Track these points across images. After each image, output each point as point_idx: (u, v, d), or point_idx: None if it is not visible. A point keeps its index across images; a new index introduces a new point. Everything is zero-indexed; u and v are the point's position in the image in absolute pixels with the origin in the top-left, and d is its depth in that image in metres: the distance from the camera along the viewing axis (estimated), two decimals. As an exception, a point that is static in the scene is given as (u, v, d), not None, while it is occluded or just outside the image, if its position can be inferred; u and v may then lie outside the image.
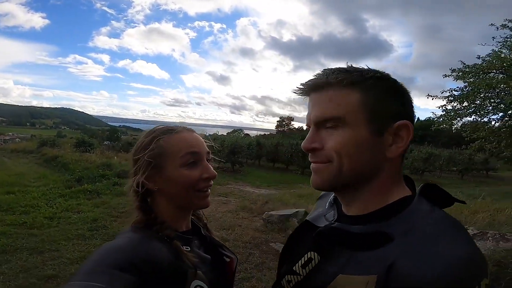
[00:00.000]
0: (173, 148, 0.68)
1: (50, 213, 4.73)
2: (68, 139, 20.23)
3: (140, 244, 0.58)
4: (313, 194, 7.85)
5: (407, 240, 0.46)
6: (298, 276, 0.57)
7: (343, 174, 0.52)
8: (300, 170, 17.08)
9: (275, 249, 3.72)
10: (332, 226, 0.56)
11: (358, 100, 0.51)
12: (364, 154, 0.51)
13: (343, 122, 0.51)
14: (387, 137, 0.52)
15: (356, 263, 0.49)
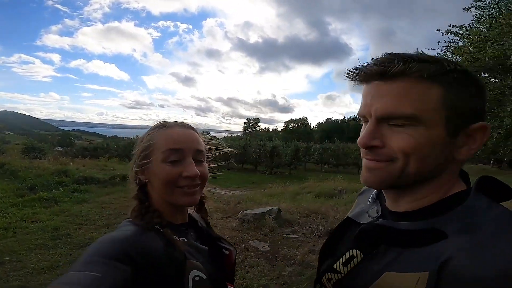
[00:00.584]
0: (159, 143, 0.69)
1: (4, 223, 4.26)
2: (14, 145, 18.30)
3: (135, 236, 0.60)
4: (283, 193, 8.07)
5: (464, 238, 0.43)
6: (339, 274, 0.55)
7: (405, 175, 0.48)
8: (268, 170, 17.35)
9: (253, 247, 3.77)
10: (376, 223, 0.54)
11: (439, 96, 0.45)
12: (435, 156, 0.47)
13: (418, 121, 0.45)
14: (461, 138, 0.47)
15: (405, 260, 0.46)
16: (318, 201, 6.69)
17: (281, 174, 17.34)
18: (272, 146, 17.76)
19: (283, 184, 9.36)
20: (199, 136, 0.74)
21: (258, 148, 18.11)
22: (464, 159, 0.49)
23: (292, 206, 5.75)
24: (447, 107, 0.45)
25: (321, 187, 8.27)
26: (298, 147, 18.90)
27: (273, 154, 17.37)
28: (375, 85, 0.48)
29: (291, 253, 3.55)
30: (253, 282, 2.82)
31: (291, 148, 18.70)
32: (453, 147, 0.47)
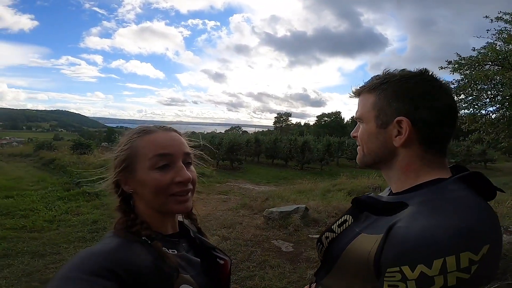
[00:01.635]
0: (143, 150, 0.65)
1: (49, 216, 4.70)
2: (65, 142, 20.12)
3: (118, 249, 0.56)
4: (313, 190, 7.89)
5: (414, 208, 0.55)
6: (334, 233, 0.70)
7: (365, 155, 0.69)
8: (299, 165, 17.11)
9: (276, 246, 3.72)
10: (368, 195, 0.69)
11: (372, 102, 0.66)
12: (372, 142, 0.66)
13: (361, 119, 0.69)
14: (391, 129, 0.63)
15: (376, 225, 0.60)
16: (350, 200, 6.42)
17: (312, 169, 17.01)
18: (303, 141, 17.46)
19: (314, 180, 9.14)
20: (183, 139, 0.71)
21: (289, 143, 17.92)
22: (399, 145, 0.63)
23: (321, 204, 5.58)
24: (375, 108, 0.65)
25: (354, 184, 7.94)
26: (330, 142, 18.37)
27: (304, 149, 17.07)
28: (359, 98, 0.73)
29: (315, 255, 3.41)
30: (272, 284, 2.77)
31: (323, 143, 18.24)
32: (388, 137, 0.64)
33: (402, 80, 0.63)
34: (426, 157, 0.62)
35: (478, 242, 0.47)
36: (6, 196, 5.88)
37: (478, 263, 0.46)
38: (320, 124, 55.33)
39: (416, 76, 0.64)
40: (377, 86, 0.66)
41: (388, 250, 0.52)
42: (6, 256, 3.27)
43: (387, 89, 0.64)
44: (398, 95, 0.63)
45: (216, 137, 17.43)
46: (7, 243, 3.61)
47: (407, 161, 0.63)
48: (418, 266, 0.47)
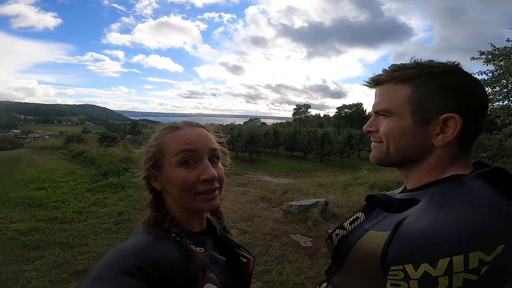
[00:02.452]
0: (169, 147, 0.65)
1: (79, 208, 4.89)
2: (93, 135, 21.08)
3: (148, 247, 0.57)
4: (333, 183, 7.76)
5: (425, 204, 0.52)
6: (345, 231, 0.68)
7: (390, 153, 0.62)
8: (318, 158, 16.89)
9: (295, 241, 3.71)
10: (382, 193, 0.68)
11: (406, 95, 0.59)
12: (406, 140, 0.60)
13: (390, 113, 0.61)
14: (433, 127, 0.57)
15: (385, 222, 0.58)
16: (371, 194, 6.27)
17: (332, 162, 16.73)
18: (323, 133, 17.14)
19: (334, 173, 8.99)
20: (211, 134, 0.70)
21: (308, 134, 17.67)
22: (442, 145, 0.58)
23: (341, 198, 5.49)
24: (413, 103, 0.59)
25: (376, 178, 7.73)
26: (351, 134, 17.89)
27: (323, 141, 16.77)
28: (375, 89, 0.66)
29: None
30: (289, 279, 2.77)
31: (343, 135, 17.82)
32: (428, 135, 0.58)
33: (447, 73, 0.57)
34: (456, 156, 0.59)
35: (491, 241, 0.43)
36: (39, 188, 6.21)
37: (489, 264, 0.42)
38: (340, 116, 54.13)
39: (458, 70, 0.58)
40: (414, 76, 0.59)
41: (394, 247, 0.50)
42: (38, 248, 3.42)
43: (429, 81, 0.58)
44: (445, 90, 0.57)
45: (235, 128, 17.53)
46: (39, 234, 3.77)
47: (438, 161, 0.59)
48: (422, 265, 0.44)
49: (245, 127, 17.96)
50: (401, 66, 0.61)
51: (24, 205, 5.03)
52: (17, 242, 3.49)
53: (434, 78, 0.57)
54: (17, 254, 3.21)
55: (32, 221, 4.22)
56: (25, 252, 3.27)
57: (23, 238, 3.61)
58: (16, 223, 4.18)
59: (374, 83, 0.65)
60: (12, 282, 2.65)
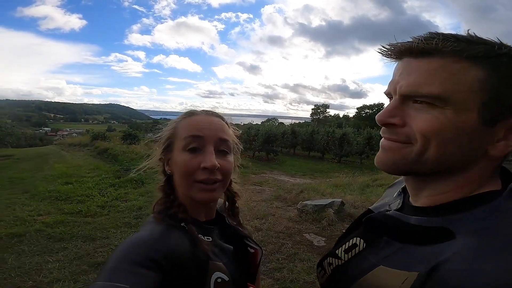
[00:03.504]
0: (181, 130, 0.66)
1: (102, 202, 5.11)
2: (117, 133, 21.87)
3: (160, 238, 0.57)
4: (351, 184, 7.63)
5: (470, 241, 0.38)
6: (339, 260, 0.54)
7: (423, 161, 0.44)
8: (336, 158, 16.61)
9: (308, 240, 3.70)
10: (386, 213, 0.50)
11: (479, 78, 0.40)
12: (459, 145, 0.42)
13: (446, 102, 0.41)
14: (498, 130, 0.42)
15: (402, 257, 0.43)
16: (391, 196, 6.11)
17: (351, 163, 16.40)
18: (342, 133, 16.84)
19: (352, 174, 8.82)
20: (226, 125, 0.69)
21: (326, 135, 17.42)
22: (500, 155, 0.43)
23: (359, 199, 5.40)
24: (486, 91, 0.40)
25: (397, 179, 7.50)
26: (371, 134, 17.43)
27: (342, 142, 16.48)
28: (406, 61, 0.45)
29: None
30: (299, 277, 2.77)
31: (363, 136, 17.39)
32: (487, 139, 0.42)
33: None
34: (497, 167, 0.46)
35: None
36: (66, 183, 6.55)
37: None
38: (360, 116, 52.81)
39: None
40: (491, 55, 0.40)
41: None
42: (62, 240, 3.56)
43: (510, 65, 0.40)
44: None
45: (252, 128, 17.60)
46: (64, 227, 3.94)
47: (479, 173, 0.44)
48: None
49: (263, 126, 18.00)
50: (458, 37, 0.42)
51: (51, 199, 5.32)
52: (43, 234, 3.68)
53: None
54: (42, 246, 3.38)
55: (58, 214, 4.45)
56: (50, 244, 3.44)
57: (49, 230, 3.81)
58: (43, 215, 4.42)
59: (408, 51, 0.44)
60: (35, 272, 2.79)
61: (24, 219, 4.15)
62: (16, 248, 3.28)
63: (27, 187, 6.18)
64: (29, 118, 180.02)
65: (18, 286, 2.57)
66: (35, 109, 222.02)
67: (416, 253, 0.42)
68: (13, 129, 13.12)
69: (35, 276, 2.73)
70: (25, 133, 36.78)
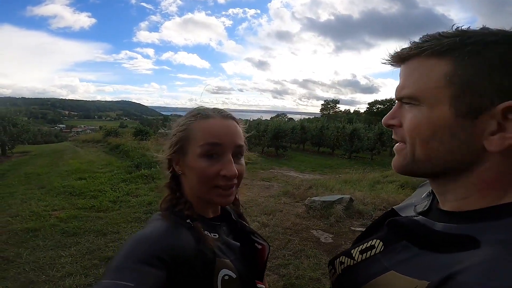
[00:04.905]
0: (196, 135, 0.64)
1: (114, 197, 5.22)
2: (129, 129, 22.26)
3: (166, 235, 0.56)
4: (361, 180, 7.54)
5: (493, 250, 0.35)
6: (352, 260, 0.52)
7: (417, 160, 0.45)
8: (347, 154, 16.42)
9: (315, 237, 3.69)
10: (414, 218, 0.48)
11: (444, 72, 0.41)
12: (443, 141, 0.42)
13: (419, 100, 0.43)
14: (486, 122, 0.39)
15: (416, 263, 0.42)
16: (402, 193, 6.01)
17: (361, 159, 16.19)
18: (352, 129, 16.61)
19: (362, 170, 8.71)
20: (240, 128, 0.69)
21: (336, 130, 17.23)
22: (497, 150, 0.39)
23: (368, 195, 5.33)
24: (454, 84, 0.41)
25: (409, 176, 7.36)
26: (383, 130, 17.12)
27: (353, 137, 16.26)
28: (401, 68, 0.48)
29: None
30: (305, 274, 2.78)
31: (374, 131, 17.12)
32: (476, 133, 0.40)
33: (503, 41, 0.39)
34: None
35: None
36: (80, 178, 6.72)
37: None
38: (372, 112, 51.86)
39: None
40: (456, 47, 0.41)
41: None
42: (75, 235, 3.65)
43: (480, 53, 0.39)
44: (503, 65, 0.38)
45: (261, 124, 17.57)
46: (77, 221, 4.04)
47: (496, 174, 0.41)
48: None
49: (272, 122, 17.95)
50: (435, 35, 0.44)
51: (66, 194, 5.48)
52: (57, 229, 3.78)
53: (488, 48, 0.39)
54: (56, 240, 3.47)
55: (72, 209, 4.58)
56: (63, 239, 3.53)
57: (63, 225, 3.91)
58: (58, 210, 4.55)
59: (398, 60, 0.48)
60: (48, 267, 2.88)
61: (39, 214, 4.29)
62: (31, 242, 3.39)
63: (43, 182, 6.39)
64: (45, 115, 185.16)
65: (32, 280, 2.65)
66: (50, 106, 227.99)
67: (433, 261, 0.40)
68: (29, 126, 13.49)
69: (48, 271, 2.81)
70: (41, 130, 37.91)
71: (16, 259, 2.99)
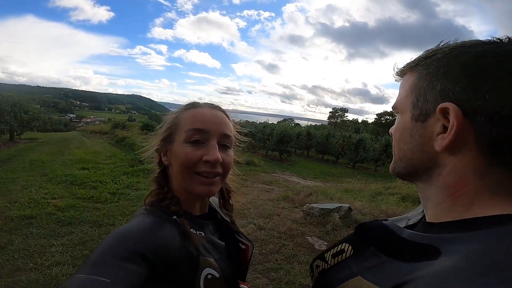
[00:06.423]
0: (183, 122, 0.65)
1: (113, 189, 5.25)
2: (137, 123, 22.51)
3: (149, 231, 0.55)
4: (362, 190, 7.46)
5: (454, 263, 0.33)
6: (326, 263, 0.54)
7: (396, 160, 0.51)
8: (351, 164, 16.30)
9: (310, 243, 3.66)
10: (382, 222, 0.49)
11: (411, 84, 0.47)
12: (406, 142, 0.47)
13: (396, 109, 0.51)
14: (434, 124, 0.42)
15: (381, 271, 0.42)
16: (402, 205, 5.94)
17: (365, 169, 16.07)
18: (359, 139, 16.50)
19: (365, 181, 8.63)
20: (228, 120, 0.69)
21: (342, 139, 17.12)
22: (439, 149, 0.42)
23: (368, 206, 5.28)
24: (414, 92, 0.46)
25: (411, 189, 7.28)
26: (390, 142, 16.94)
27: (358, 147, 16.14)
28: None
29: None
30: (295, 279, 2.75)
31: (381, 143, 16.97)
32: (425, 134, 0.44)
33: (458, 50, 0.42)
34: (489, 173, 0.39)
35: None
36: (83, 168, 6.80)
37: None
38: (380, 123, 51.40)
39: (484, 45, 0.41)
40: (420, 60, 0.46)
41: None
42: (70, 224, 3.62)
43: (435, 62, 0.44)
44: (446, 71, 0.42)
45: (267, 127, 17.58)
46: (74, 211, 4.02)
47: (455, 177, 0.41)
48: None
49: (278, 126, 17.95)
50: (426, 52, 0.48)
51: (67, 183, 5.53)
52: (53, 218, 3.78)
53: (443, 58, 0.43)
54: (50, 229, 3.46)
55: (71, 198, 4.60)
56: (57, 228, 3.52)
57: (60, 214, 3.91)
58: (57, 199, 4.57)
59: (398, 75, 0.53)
60: (37, 255, 2.86)
61: (38, 202, 4.32)
62: (25, 230, 3.39)
63: (46, 170, 6.47)
64: (57, 104, 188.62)
65: (18, 267, 2.63)
66: (63, 96, 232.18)
67: (395, 269, 0.40)
68: (40, 114, 13.77)
69: (37, 259, 2.79)
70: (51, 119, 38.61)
71: (7, 246, 2.99)
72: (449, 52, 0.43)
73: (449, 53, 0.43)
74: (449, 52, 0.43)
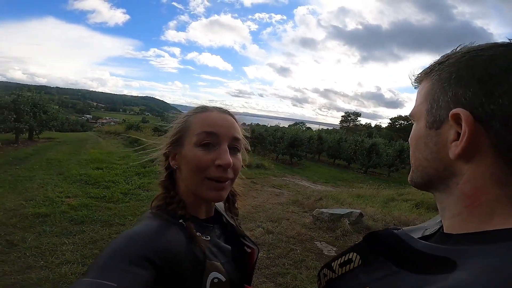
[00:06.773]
0: (194, 125, 0.65)
1: (125, 189, 5.34)
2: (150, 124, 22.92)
3: (156, 235, 0.55)
4: (375, 196, 7.30)
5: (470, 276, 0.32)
6: (333, 273, 0.52)
7: (413, 170, 0.49)
8: (363, 169, 16.02)
9: (318, 248, 3.61)
10: (393, 232, 0.47)
11: (425, 92, 0.46)
12: (421, 150, 0.46)
13: (413, 117, 0.50)
14: (447, 131, 0.41)
15: (392, 282, 0.40)
16: (416, 212, 5.77)
17: (378, 175, 15.76)
18: (371, 143, 16.22)
19: (377, 186, 8.45)
20: (237, 124, 0.70)
21: (354, 144, 16.87)
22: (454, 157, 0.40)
23: (380, 212, 5.17)
24: (429, 99, 0.45)
25: (425, 195, 7.07)
26: (403, 147, 16.60)
27: (371, 152, 15.86)
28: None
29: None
30: (302, 285, 2.71)
31: (394, 148, 16.61)
32: (442, 142, 0.42)
33: (470, 54, 0.41)
34: (509, 182, 0.37)
35: None
36: (97, 168, 6.97)
37: None
38: (393, 127, 50.31)
39: (497, 47, 0.39)
40: (435, 66, 0.45)
41: None
42: (82, 223, 3.69)
43: (444, 69, 0.43)
44: (458, 76, 0.41)
45: (278, 130, 17.54)
46: (87, 210, 4.10)
47: (472, 186, 0.39)
48: None
49: (289, 129, 17.87)
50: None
51: (81, 182, 5.67)
52: (66, 216, 3.86)
53: (455, 63, 0.42)
54: (63, 228, 3.53)
55: (85, 198, 4.70)
56: (70, 226, 3.59)
57: (73, 212, 3.99)
58: (71, 198, 4.67)
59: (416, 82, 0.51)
60: (49, 253, 2.92)
61: (53, 200, 4.43)
62: (38, 228, 3.46)
63: (62, 169, 6.65)
64: (74, 105, 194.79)
65: (29, 265, 2.68)
66: (81, 97, 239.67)
67: (407, 281, 0.38)
68: (58, 114, 14.23)
69: (48, 257, 2.85)
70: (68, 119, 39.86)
71: (20, 243, 3.06)
72: (461, 56, 0.42)
73: (461, 57, 0.42)
74: (461, 56, 0.42)
